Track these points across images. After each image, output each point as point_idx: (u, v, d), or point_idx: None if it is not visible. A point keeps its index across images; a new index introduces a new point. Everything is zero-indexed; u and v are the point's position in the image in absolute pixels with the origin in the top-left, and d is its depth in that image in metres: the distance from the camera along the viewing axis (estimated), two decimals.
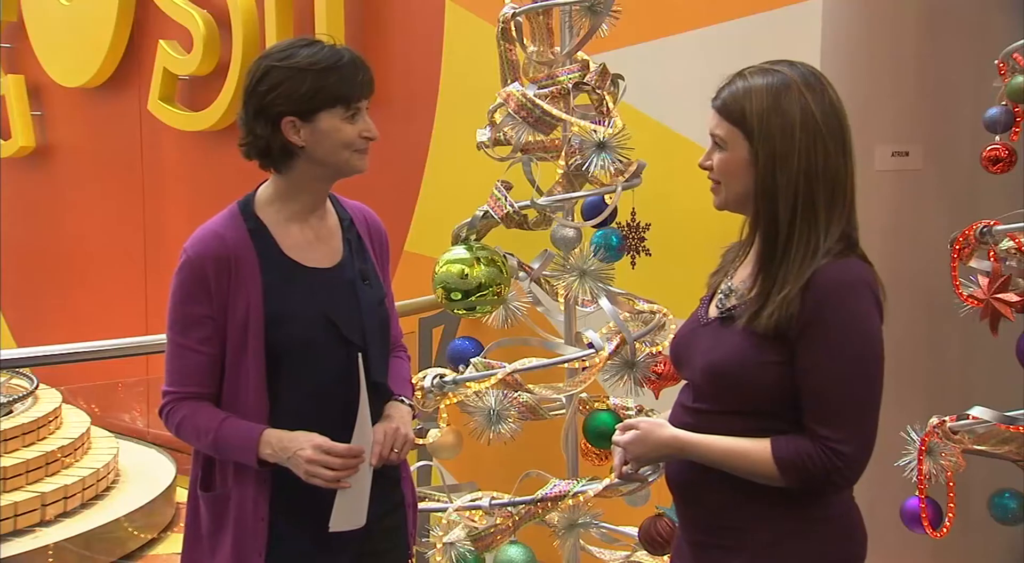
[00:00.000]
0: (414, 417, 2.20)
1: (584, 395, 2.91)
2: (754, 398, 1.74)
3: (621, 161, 2.75)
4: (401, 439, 2.07)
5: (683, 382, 1.91)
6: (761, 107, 1.72)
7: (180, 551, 2.17)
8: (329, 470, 1.95)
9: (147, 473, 5.13)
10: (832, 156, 1.72)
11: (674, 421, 1.85)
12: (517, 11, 2.84)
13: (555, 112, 2.74)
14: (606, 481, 2.77)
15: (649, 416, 2.56)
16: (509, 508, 2.79)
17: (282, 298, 2.03)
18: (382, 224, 2.26)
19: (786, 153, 1.71)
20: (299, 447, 1.96)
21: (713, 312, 1.84)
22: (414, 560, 2.27)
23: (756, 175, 1.73)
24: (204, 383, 2.04)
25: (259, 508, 2.03)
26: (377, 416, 2.10)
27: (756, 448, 1.70)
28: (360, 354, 2.03)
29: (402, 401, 2.17)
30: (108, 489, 4.83)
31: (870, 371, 1.70)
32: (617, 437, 1.87)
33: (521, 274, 2.99)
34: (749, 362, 1.73)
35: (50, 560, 4.09)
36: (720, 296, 1.84)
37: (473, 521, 2.83)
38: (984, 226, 2.52)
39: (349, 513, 2.01)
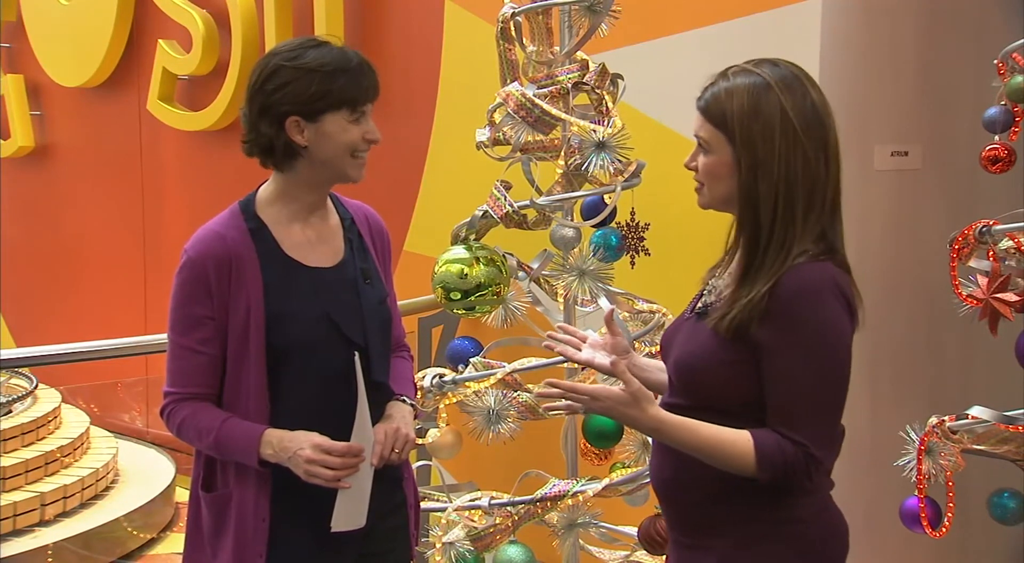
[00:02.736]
0: (416, 417, 2.20)
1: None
2: (718, 395, 1.73)
3: (620, 161, 2.75)
4: (402, 439, 2.07)
5: None
6: (742, 110, 1.70)
7: (181, 551, 2.17)
8: (328, 469, 1.95)
9: (146, 473, 5.13)
10: (811, 160, 1.70)
11: None
12: (516, 11, 2.84)
13: (554, 112, 2.74)
14: (605, 481, 2.77)
15: None
16: (508, 508, 2.79)
17: (283, 298, 2.03)
18: (384, 223, 2.26)
19: (767, 160, 1.69)
20: (299, 447, 1.96)
21: (698, 308, 1.85)
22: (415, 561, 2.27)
23: (739, 181, 1.72)
24: (205, 384, 2.04)
25: (260, 508, 2.03)
26: (378, 416, 2.09)
27: (736, 438, 1.68)
28: (357, 354, 2.02)
29: (404, 401, 2.16)
30: (107, 489, 4.83)
31: (838, 374, 1.68)
32: (595, 388, 1.71)
33: (520, 274, 2.99)
34: (713, 359, 1.73)
35: (49, 560, 4.09)
36: (705, 292, 1.85)
37: (472, 521, 2.83)
38: (983, 226, 2.52)
39: (350, 513, 2.01)
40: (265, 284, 2.03)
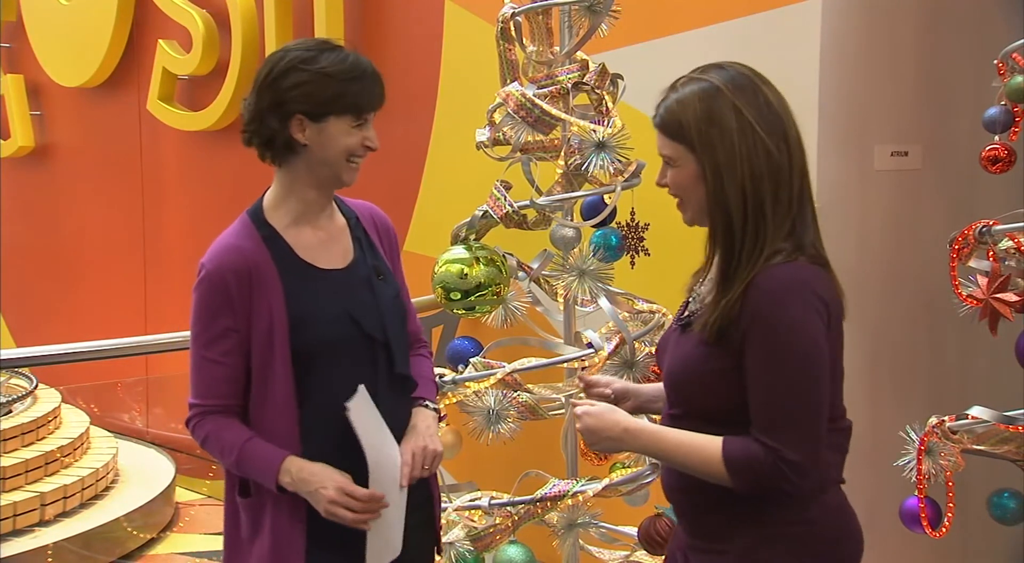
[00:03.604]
0: (440, 420, 2.21)
1: (583, 395, 2.91)
2: (707, 403, 1.74)
3: (620, 161, 2.75)
4: (430, 456, 2.09)
5: None
6: (696, 117, 1.72)
7: (181, 551, 2.17)
8: (350, 512, 1.97)
9: (146, 473, 5.14)
10: (774, 155, 1.71)
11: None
12: (516, 11, 2.84)
13: (554, 112, 2.74)
14: (605, 481, 2.77)
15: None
16: (508, 508, 2.79)
17: (304, 301, 2.05)
18: (389, 220, 2.28)
19: (730, 162, 1.70)
20: (320, 484, 1.98)
21: (683, 318, 1.85)
22: (442, 556, 2.27)
23: (706, 188, 1.73)
24: (229, 395, 2.06)
25: (298, 511, 2.04)
26: (405, 415, 2.12)
27: (707, 445, 1.69)
28: (362, 386, 2.02)
29: (427, 406, 2.18)
30: (107, 489, 4.84)
31: (808, 375, 1.66)
32: (578, 409, 1.85)
33: (520, 274, 2.99)
34: (699, 368, 1.74)
35: (49, 560, 4.09)
36: (690, 300, 1.85)
37: (472, 521, 2.83)
38: (983, 226, 2.52)
39: (383, 547, 2.03)
40: (285, 289, 2.04)
